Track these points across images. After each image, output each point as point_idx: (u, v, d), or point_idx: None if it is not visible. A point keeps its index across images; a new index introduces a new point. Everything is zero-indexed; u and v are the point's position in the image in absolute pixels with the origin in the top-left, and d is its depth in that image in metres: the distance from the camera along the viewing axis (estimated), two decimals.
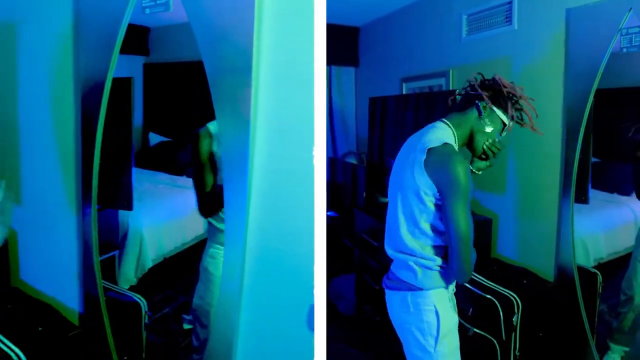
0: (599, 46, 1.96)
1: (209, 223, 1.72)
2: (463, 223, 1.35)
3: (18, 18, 1.89)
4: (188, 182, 1.90)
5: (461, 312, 2.05)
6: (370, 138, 3.16)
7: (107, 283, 1.80)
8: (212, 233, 1.70)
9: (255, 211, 1.38)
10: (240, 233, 1.37)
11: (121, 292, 1.88)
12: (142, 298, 1.85)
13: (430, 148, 1.38)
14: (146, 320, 1.84)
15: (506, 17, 2.40)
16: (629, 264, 2.07)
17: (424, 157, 1.38)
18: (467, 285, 2.15)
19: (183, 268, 1.96)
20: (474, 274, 2.26)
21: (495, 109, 1.50)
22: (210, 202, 1.63)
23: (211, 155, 1.61)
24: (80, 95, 1.73)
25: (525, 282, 2.27)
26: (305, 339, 1.30)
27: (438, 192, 1.38)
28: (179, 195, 2.06)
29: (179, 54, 1.98)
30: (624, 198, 2.23)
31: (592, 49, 1.99)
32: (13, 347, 1.43)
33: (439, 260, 1.47)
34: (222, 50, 1.38)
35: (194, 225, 1.91)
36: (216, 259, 1.65)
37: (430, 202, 1.41)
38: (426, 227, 1.44)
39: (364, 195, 3.07)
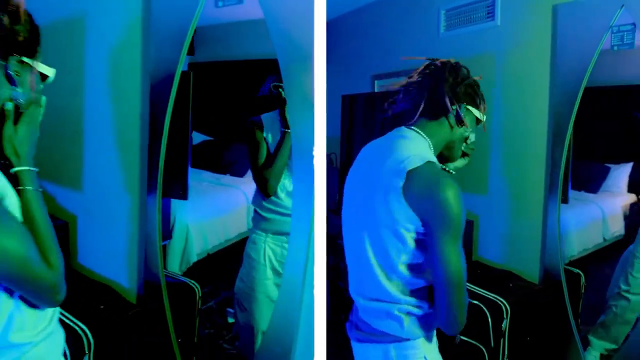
0: (587, 44, 1.93)
1: (255, 211, 1.81)
2: (455, 263, 1.08)
3: (88, 11, 1.96)
4: (231, 180, 2.08)
5: None
6: (342, 138, 3.02)
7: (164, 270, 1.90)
8: (256, 220, 1.81)
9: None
10: (307, 221, 1.41)
11: (176, 277, 1.97)
12: (196, 284, 1.94)
13: (411, 170, 1.10)
14: (199, 306, 1.94)
15: (488, 13, 2.34)
16: (619, 258, 2.05)
17: (403, 182, 1.09)
18: None
19: (226, 264, 2.02)
20: None
21: (470, 108, 1.26)
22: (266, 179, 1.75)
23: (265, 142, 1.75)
24: (147, 87, 1.82)
25: (511, 285, 2.22)
26: None
27: (422, 225, 1.10)
28: (222, 193, 2.12)
29: (224, 54, 1.99)
30: (591, 196, 2.25)
31: (581, 47, 1.95)
32: (79, 323, 1.58)
33: (429, 302, 1.22)
34: (293, 42, 1.46)
35: (237, 222, 2.00)
36: (257, 245, 1.79)
37: (410, 237, 1.12)
38: (404, 268, 1.15)
39: (337, 197, 2.93)
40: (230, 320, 1.98)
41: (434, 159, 1.16)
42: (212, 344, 2.00)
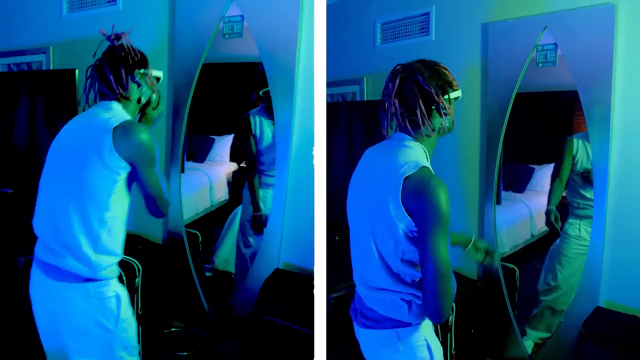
0: (516, 59, 2.12)
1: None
2: (444, 255, 1.21)
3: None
4: (195, 165, 2.64)
5: None
6: None
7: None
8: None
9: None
10: (284, 178, 2.23)
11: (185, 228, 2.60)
12: (198, 232, 2.60)
13: (407, 177, 1.23)
14: (200, 248, 2.61)
15: (422, 28, 2.47)
16: (546, 252, 2.23)
17: (400, 188, 1.24)
18: None
19: (198, 232, 2.63)
20: None
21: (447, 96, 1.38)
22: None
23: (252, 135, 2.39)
24: (172, 93, 2.53)
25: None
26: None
27: (416, 224, 1.24)
28: (190, 176, 2.63)
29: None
30: (518, 195, 2.44)
31: (510, 62, 2.14)
32: (131, 258, 2.27)
33: None
34: (278, 56, 2.20)
35: (203, 199, 2.64)
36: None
37: (406, 235, 1.27)
38: (404, 263, 1.30)
39: None
40: (208, 274, 2.61)
41: (428, 164, 1.29)
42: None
